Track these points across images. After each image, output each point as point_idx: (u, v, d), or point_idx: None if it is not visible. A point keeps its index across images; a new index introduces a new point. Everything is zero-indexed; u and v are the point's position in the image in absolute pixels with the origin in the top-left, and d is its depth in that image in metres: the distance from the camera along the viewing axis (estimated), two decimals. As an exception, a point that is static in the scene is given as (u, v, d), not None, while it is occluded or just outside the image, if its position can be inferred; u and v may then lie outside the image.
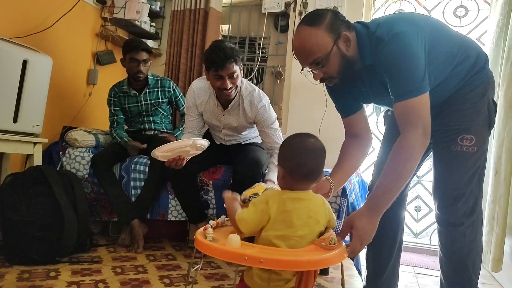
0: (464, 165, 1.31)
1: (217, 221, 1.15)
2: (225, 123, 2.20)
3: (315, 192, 1.15)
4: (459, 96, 1.32)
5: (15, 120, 2.08)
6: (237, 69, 1.97)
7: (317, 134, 1.15)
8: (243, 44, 3.43)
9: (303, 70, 1.32)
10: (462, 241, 1.32)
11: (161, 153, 1.84)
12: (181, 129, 2.73)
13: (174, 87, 2.74)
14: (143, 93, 2.63)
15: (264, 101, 2.11)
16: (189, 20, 3.33)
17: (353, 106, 1.47)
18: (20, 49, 2.11)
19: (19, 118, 2.10)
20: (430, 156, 1.43)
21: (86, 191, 2.34)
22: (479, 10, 2.91)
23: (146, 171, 2.36)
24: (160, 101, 2.67)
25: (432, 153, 1.40)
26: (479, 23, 2.90)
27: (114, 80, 2.74)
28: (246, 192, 1.35)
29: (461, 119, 1.31)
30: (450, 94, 1.33)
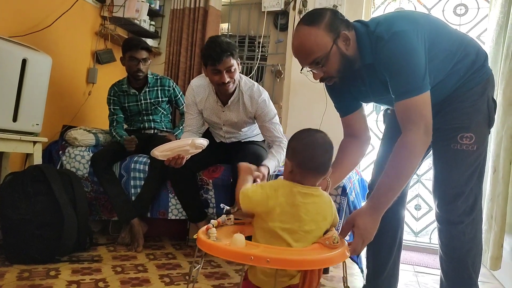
0: (464, 163, 1.31)
1: (218, 220, 1.15)
2: (225, 119, 2.20)
3: None
4: (459, 94, 1.32)
5: (14, 119, 2.08)
6: (234, 63, 1.98)
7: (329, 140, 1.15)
8: (242, 43, 3.42)
9: (303, 70, 1.32)
10: (462, 239, 1.32)
11: (160, 152, 1.85)
12: (180, 128, 2.73)
13: (174, 86, 2.74)
14: (143, 92, 2.62)
15: (264, 95, 2.13)
16: (188, 19, 3.33)
17: (352, 105, 1.47)
18: (19, 48, 2.11)
19: (18, 117, 2.10)
20: (430, 154, 1.43)
21: (86, 190, 2.34)
22: (479, 8, 2.90)
23: (146, 170, 2.36)
24: (160, 100, 2.67)
25: (432, 151, 1.40)
26: (479, 21, 2.90)
27: (114, 79, 2.74)
28: None
29: (460, 117, 1.31)
30: (449, 92, 1.33)
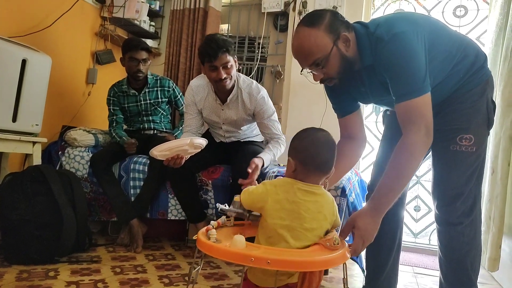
0: (463, 164, 1.31)
1: (217, 221, 1.15)
2: (225, 118, 2.21)
3: None
4: (458, 95, 1.32)
5: (14, 120, 2.08)
6: (230, 59, 2.01)
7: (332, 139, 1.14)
8: (242, 44, 3.43)
9: (302, 71, 1.32)
10: (461, 240, 1.32)
11: (159, 152, 1.85)
12: (180, 129, 2.73)
13: (174, 86, 2.74)
14: (143, 92, 2.62)
15: (262, 92, 2.15)
16: (188, 20, 3.33)
17: (350, 106, 1.47)
18: (19, 48, 2.11)
19: (18, 117, 2.10)
20: (429, 156, 1.43)
21: (85, 190, 2.34)
22: (478, 10, 2.91)
23: (146, 170, 2.36)
24: (160, 100, 2.67)
25: (431, 152, 1.40)
26: (479, 23, 2.90)
27: (114, 79, 2.74)
28: (237, 197, 1.27)
29: (460, 118, 1.31)
30: (449, 93, 1.33)
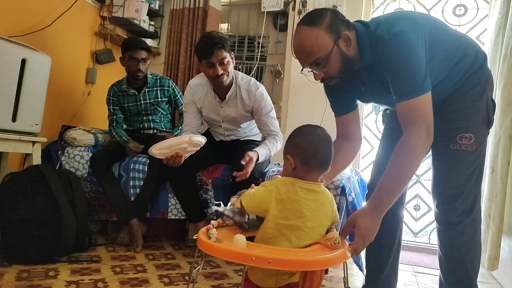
0: (463, 163, 1.31)
1: (218, 221, 1.14)
2: (224, 115, 2.21)
3: None
4: (458, 95, 1.32)
5: (14, 119, 2.08)
6: (227, 55, 2.02)
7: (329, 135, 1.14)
8: (242, 43, 3.42)
9: (303, 70, 1.32)
10: (461, 239, 1.32)
11: (157, 150, 1.84)
12: (180, 128, 2.73)
13: (173, 86, 2.73)
14: (142, 92, 2.62)
15: (261, 89, 2.16)
16: (188, 19, 3.33)
17: (348, 106, 1.47)
18: (18, 48, 2.11)
19: (18, 117, 2.09)
20: (429, 155, 1.43)
21: (85, 190, 2.34)
22: (478, 8, 2.91)
23: (145, 170, 2.36)
24: (159, 100, 2.67)
25: (431, 151, 1.40)
26: (478, 22, 2.90)
27: (113, 79, 2.74)
28: (234, 200, 1.23)
29: (460, 118, 1.31)
30: (449, 92, 1.33)
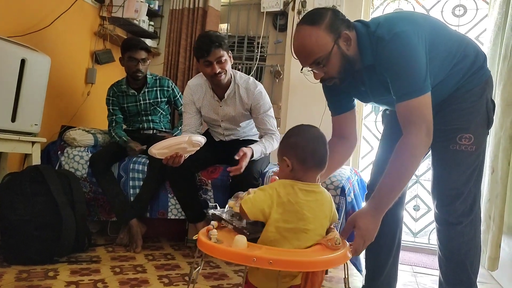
0: (463, 164, 1.31)
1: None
2: (223, 114, 2.22)
3: None
4: (458, 95, 1.32)
5: (13, 120, 2.08)
6: (224, 53, 2.03)
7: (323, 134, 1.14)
8: (241, 43, 3.42)
9: (303, 70, 1.32)
10: (460, 240, 1.32)
11: (157, 150, 1.84)
12: (179, 129, 2.73)
13: (173, 86, 2.73)
14: (142, 92, 2.62)
15: (260, 87, 2.17)
16: (187, 19, 3.33)
17: (346, 105, 1.47)
18: (18, 48, 2.11)
19: (17, 117, 2.09)
20: (429, 155, 1.43)
21: (84, 190, 2.33)
22: (477, 9, 2.91)
23: (145, 170, 2.36)
24: (159, 100, 2.67)
25: (430, 152, 1.40)
26: (478, 22, 2.90)
27: (113, 79, 2.73)
28: (232, 203, 1.20)
29: (459, 118, 1.31)
30: (449, 93, 1.33)
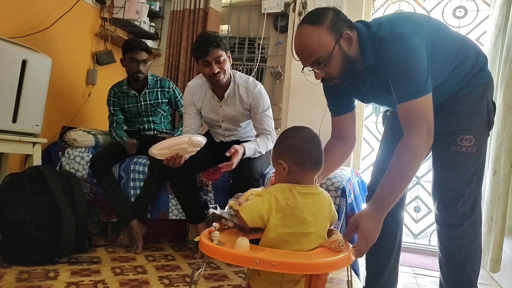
0: (464, 165, 1.31)
1: (220, 222, 1.13)
2: (224, 115, 2.22)
3: None
4: (459, 97, 1.32)
5: (14, 120, 2.08)
6: (222, 53, 2.04)
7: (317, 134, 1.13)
8: (242, 45, 3.43)
9: (304, 69, 1.32)
10: (461, 242, 1.32)
11: (158, 150, 1.84)
12: (180, 130, 2.73)
13: (174, 87, 2.74)
14: (143, 93, 2.62)
15: (259, 87, 2.18)
16: (188, 20, 3.33)
17: (346, 106, 1.47)
18: (19, 49, 2.11)
19: (18, 118, 2.09)
20: (429, 156, 1.43)
21: (84, 191, 2.33)
22: (478, 10, 2.91)
23: (146, 171, 2.36)
24: (160, 101, 2.67)
25: (431, 153, 1.40)
26: (478, 24, 2.90)
27: (114, 80, 2.74)
28: (232, 202, 1.20)
29: (460, 120, 1.31)
30: (450, 94, 1.33)
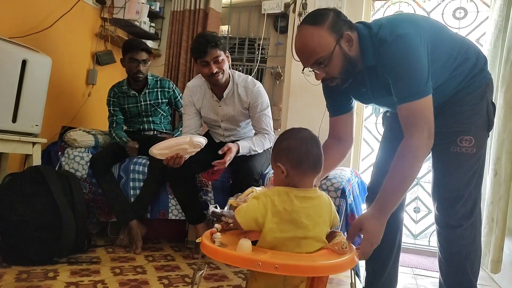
0: (463, 166, 1.31)
1: (222, 224, 1.12)
2: (223, 114, 2.23)
3: None
4: (459, 97, 1.32)
5: (14, 120, 2.08)
6: (221, 53, 2.04)
7: (316, 135, 1.13)
8: (242, 45, 3.43)
9: (304, 70, 1.32)
10: (461, 243, 1.32)
11: (158, 150, 1.84)
12: (180, 130, 2.73)
13: (174, 87, 2.74)
14: (143, 93, 2.62)
15: (258, 85, 2.19)
16: (188, 21, 3.33)
17: (345, 107, 1.47)
18: (19, 49, 2.11)
19: (18, 118, 2.09)
20: (429, 157, 1.43)
21: (83, 191, 2.33)
22: (478, 12, 2.91)
23: (145, 171, 2.36)
24: (160, 101, 2.67)
25: (431, 154, 1.40)
26: (478, 25, 2.91)
27: (114, 80, 2.74)
28: (232, 200, 1.21)
29: (460, 121, 1.31)
30: (450, 95, 1.33)
